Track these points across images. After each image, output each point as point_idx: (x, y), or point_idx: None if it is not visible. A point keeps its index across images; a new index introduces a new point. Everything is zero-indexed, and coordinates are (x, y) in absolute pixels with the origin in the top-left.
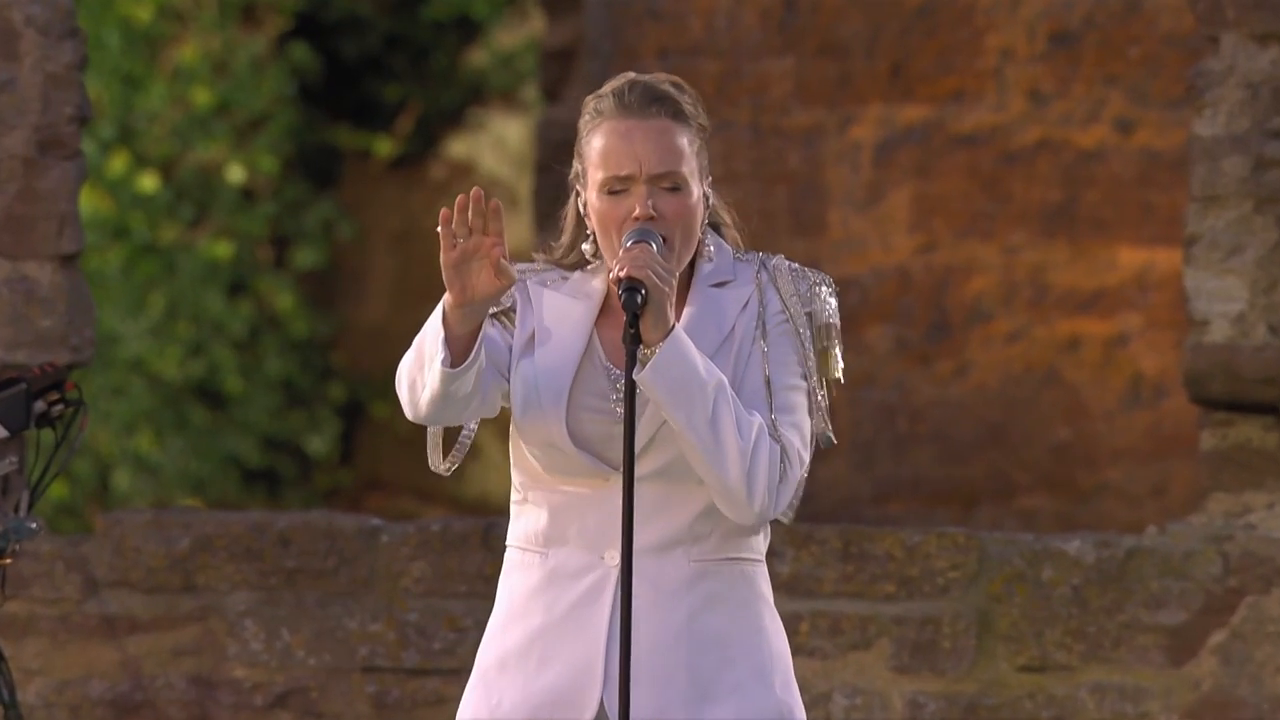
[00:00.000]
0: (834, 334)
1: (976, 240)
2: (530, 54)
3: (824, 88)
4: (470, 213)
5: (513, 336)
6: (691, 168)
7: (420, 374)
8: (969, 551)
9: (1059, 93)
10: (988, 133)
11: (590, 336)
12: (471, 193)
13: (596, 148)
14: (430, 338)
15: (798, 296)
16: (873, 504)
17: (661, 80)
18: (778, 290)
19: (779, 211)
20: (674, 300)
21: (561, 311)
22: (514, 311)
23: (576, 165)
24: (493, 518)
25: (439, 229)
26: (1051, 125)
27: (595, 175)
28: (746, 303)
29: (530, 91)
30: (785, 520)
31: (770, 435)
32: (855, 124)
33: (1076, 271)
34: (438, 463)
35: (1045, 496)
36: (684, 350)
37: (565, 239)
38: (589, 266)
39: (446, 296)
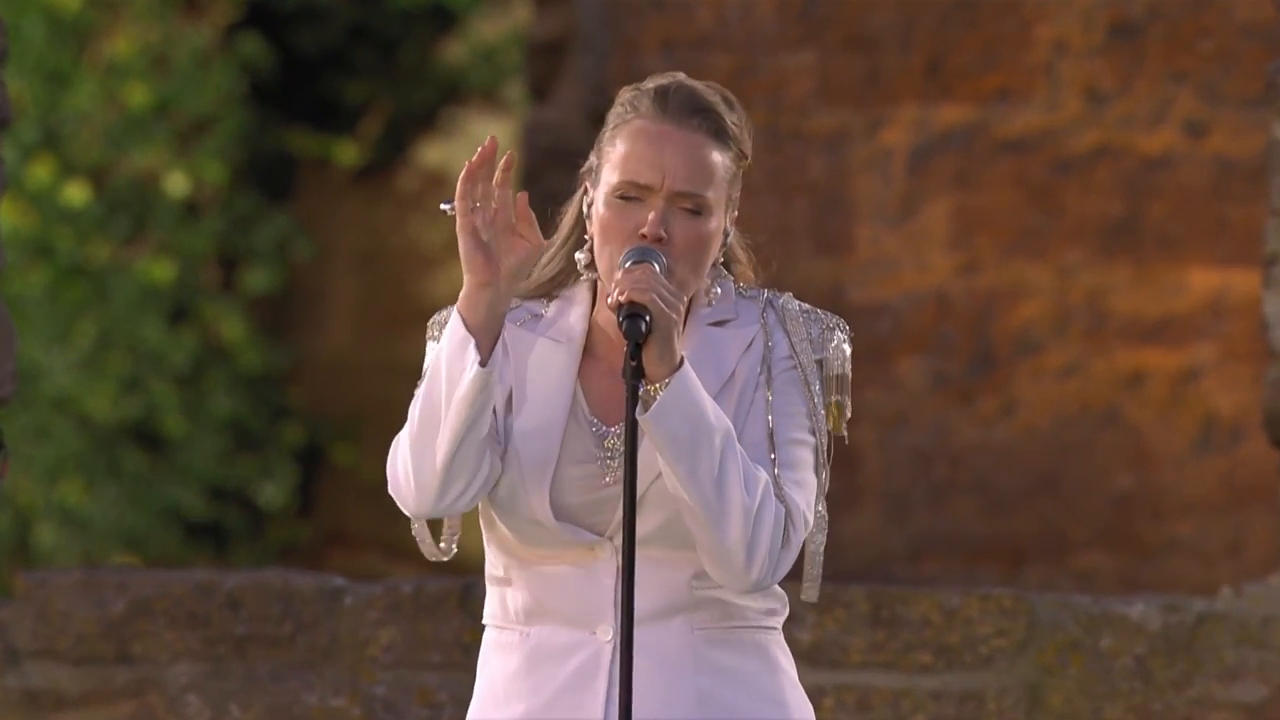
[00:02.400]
0: (846, 387)
1: (1025, 260)
2: (514, 47)
3: (851, 86)
4: (495, 168)
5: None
6: (720, 195)
7: (430, 432)
8: (1017, 616)
9: (1120, 91)
10: (1038, 137)
11: (574, 388)
12: (487, 143)
13: (620, 147)
14: (450, 353)
15: (809, 341)
16: (907, 562)
17: (713, 90)
18: (786, 333)
19: (798, 227)
20: (681, 330)
21: (541, 361)
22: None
23: (593, 159)
24: (471, 577)
25: (455, 202)
26: (1111, 128)
27: (610, 177)
28: (750, 344)
29: (514, 90)
30: (808, 598)
31: (775, 495)
32: (886, 127)
33: (1140, 296)
34: (434, 551)
35: (1104, 554)
36: (693, 389)
37: (555, 244)
38: (566, 291)
39: (466, 288)
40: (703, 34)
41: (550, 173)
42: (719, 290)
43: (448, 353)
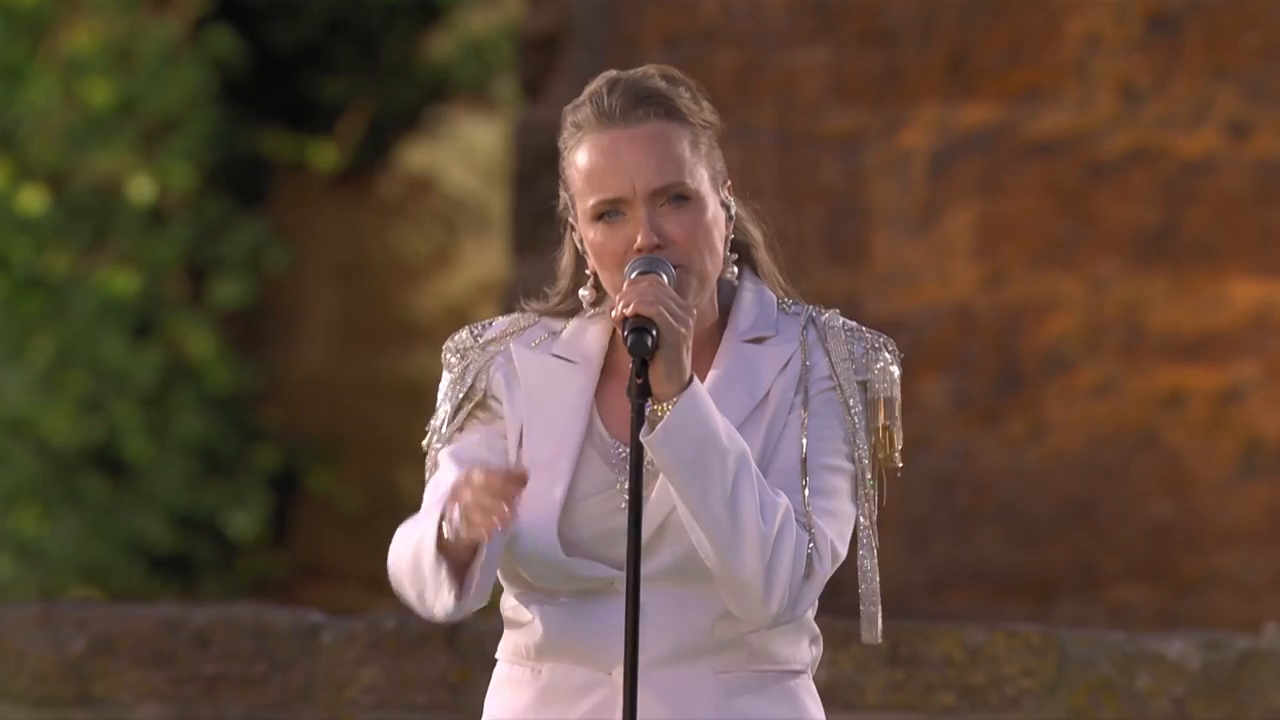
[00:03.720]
0: (895, 410)
1: (1055, 271)
2: (504, 42)
3: (867, 84)
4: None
5: (505, 429)
6: (700, 175)
7: (422, 583)
8: (1046, 654)
9: (1157, 89)
10: (1069, 139)
11: (590, 412)
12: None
13: (580, 169)
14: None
15: (850, 361)
16: (928, 595)
17: (649, 74)
18: (826, 352)
19: (811, 236)
20: (690, 344)
21: (554, 384)
22: (496, 399)
23: (562, 195)
24: None
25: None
26: (1148, 129)
27: (584, 203)
28: (787, 363)
29: (504, 88)
30: (869, 640)
31: (799, 522)
32: (905, 128)
33: (1179, 310)
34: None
35: (1140, 587)
36: (702, 409)
37: (564, 283)
38: (589, 314)
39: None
40: (707, 28)
41: (543, 176)
42: (751, 294)
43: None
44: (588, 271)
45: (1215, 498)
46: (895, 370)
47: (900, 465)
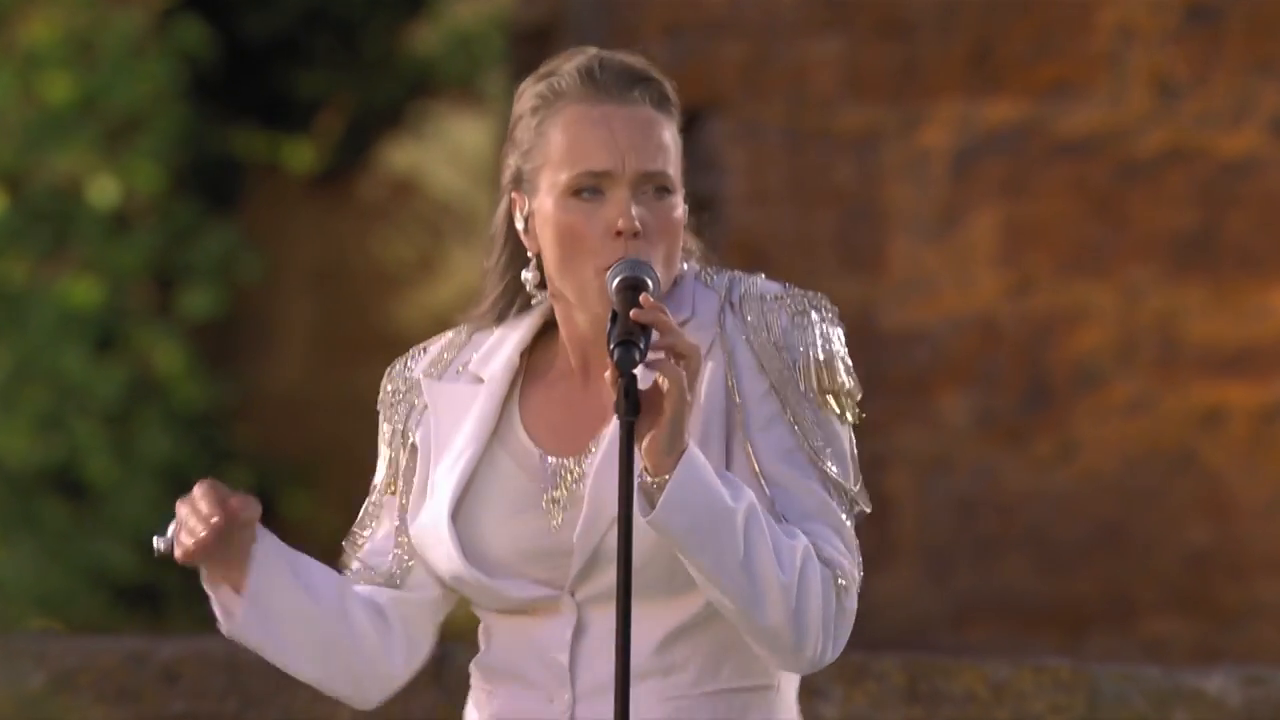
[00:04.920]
0: (840, 368)
1: (1085, 279)
2: (495, 34)
3: (884, 78)
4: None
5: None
6: (677, 170)
7: None
8: (1076, 690)
9: (1196, 84)
10: (1101, 137)
11: (499, 413)
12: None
13: (559, 139)
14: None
15: (777, 349)
16: (949, 627)
17: (637, 57)
18: (751, 346)
19: (822, 241)
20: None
21: (459, 408)
22: (410, 439)
23: (515, 164)
24: (448, 645)
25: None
26: (1185, 127)
27: (556, 176)
28: (706, 351)
29: (495, 83)
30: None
31: (819, 556)
32: (925, 126)
33: (1219, 320)
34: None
35: (1177, 619)
36: (702, 474)
37: (492, 271)
38: (533, 303)
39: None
40: (712, 18)
41: None
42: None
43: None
44: (530, 254)
45: (1258, 522)
46: (830, 330)
47: (861, 416)
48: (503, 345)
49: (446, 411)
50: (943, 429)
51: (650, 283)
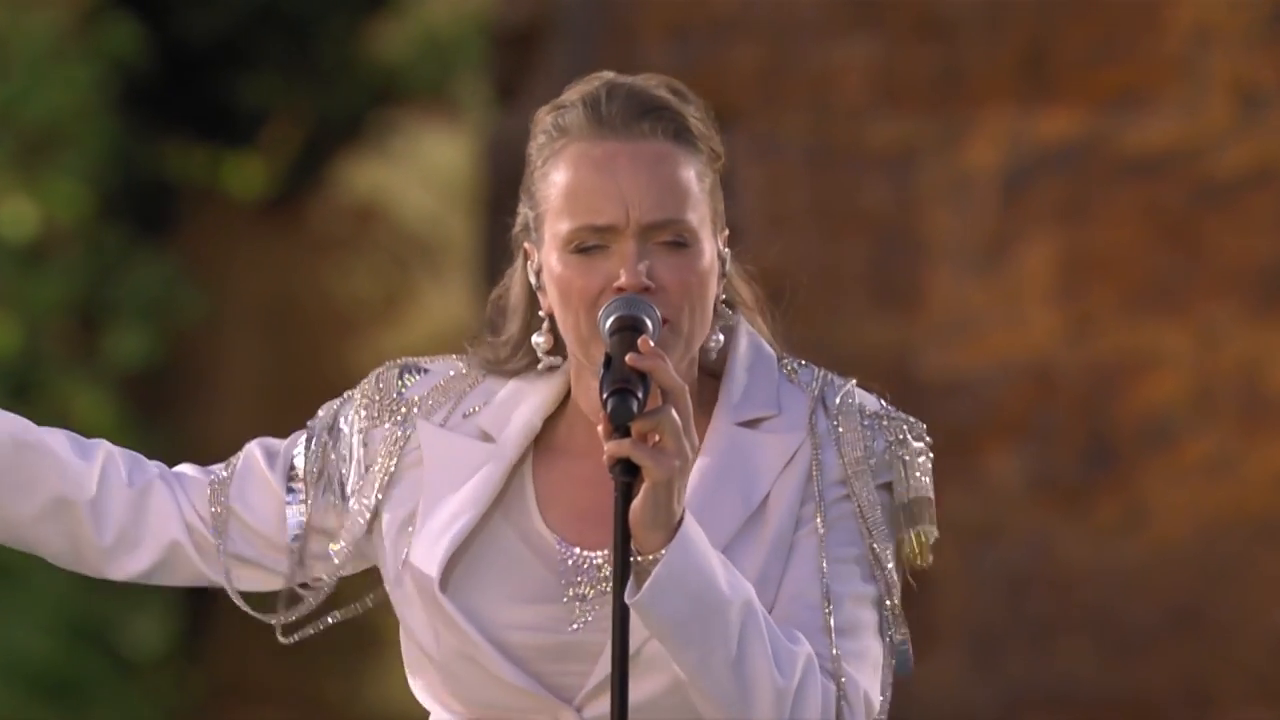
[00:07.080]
0: (927, 511)
1: (1156, 319)
2: (471, 36)
3: (922, 86)
4: None
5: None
6: (702, 214)
7: None
8: None
9: None
10: (1173, 155)
11: (506, 484)
12: None
13: (559, 184)
14: None
15: (868, 463)
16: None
17: (655, 83)
18: (839, 449)
19: (851, 274)
20: (685, 483)
21: (459, 468)
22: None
23: (525, 212)
24: None
25: None
26: (1272, 143)
27: (557, 226)
28: (791, 458)
29: (471, 91)
30: None
31: (824, 670)
32: (969, 141)
33: None
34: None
35: (1263, 710)
36: (696, 557)
37: (514, 328)
38: (540, 366)
39: None
40: (723, 17)
41: (519, 201)
42: (745, 351)
43: None
44: (541, 313)
45: None
46: (924, 462)
47: (930, 560)
48: (519, 405)
49: (443, 465)
50: (991, 493)
51: (650, 323)
